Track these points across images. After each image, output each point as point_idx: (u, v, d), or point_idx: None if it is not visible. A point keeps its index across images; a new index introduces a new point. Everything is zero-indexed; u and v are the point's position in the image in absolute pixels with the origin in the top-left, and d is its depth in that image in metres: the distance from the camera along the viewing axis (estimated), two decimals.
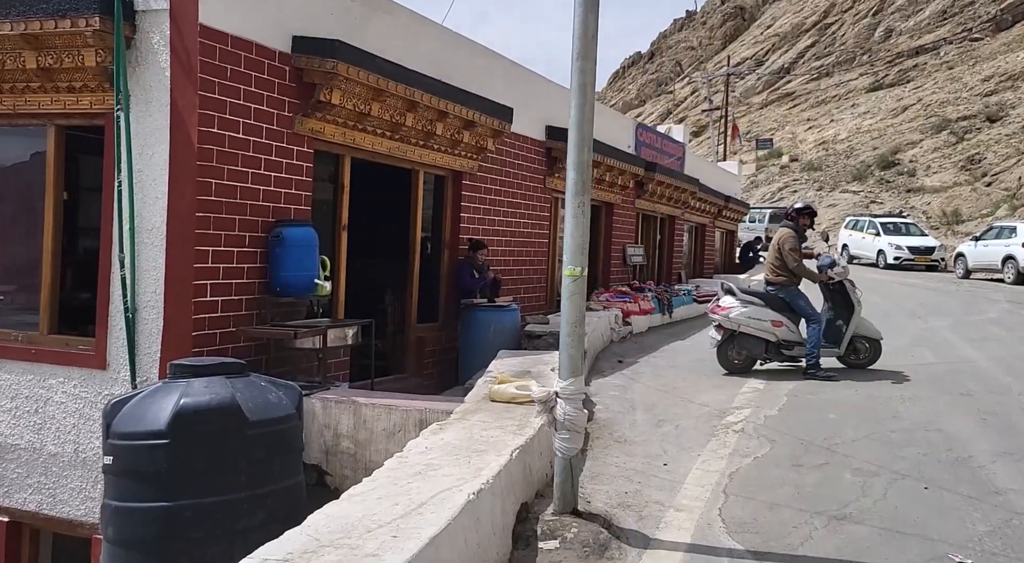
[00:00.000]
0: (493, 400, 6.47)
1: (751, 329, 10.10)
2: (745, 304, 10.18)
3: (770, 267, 10.51)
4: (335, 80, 7.98)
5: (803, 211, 10.63)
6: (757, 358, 10.22)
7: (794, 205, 10.94)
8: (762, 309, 10.13)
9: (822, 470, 6.36)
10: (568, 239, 5.06)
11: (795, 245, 10.22)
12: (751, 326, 10.09)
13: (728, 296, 10.39)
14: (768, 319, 10.06)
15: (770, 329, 10.08)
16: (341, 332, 7.78)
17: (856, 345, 10.41)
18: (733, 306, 10.20)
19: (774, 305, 10.18)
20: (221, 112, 7.15)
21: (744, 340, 10.18)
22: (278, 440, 5.92)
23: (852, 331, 10.27)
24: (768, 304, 10.18)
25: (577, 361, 5.06)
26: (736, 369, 10.21)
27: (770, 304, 10.18)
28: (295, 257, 7.64)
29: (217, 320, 7.21)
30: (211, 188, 7.08)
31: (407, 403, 6.87)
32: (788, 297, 10.21)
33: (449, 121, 10.08)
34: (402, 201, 10.67)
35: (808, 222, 10.64)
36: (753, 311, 10.11)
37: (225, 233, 7.27)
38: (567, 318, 5.06)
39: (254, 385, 6.01)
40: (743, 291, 10.45)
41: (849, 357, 10.38)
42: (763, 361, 10.25)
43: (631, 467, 6.44)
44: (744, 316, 10.08)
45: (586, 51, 4.96)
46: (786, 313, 10.16)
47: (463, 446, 5.16)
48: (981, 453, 6.80)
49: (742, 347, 10.22)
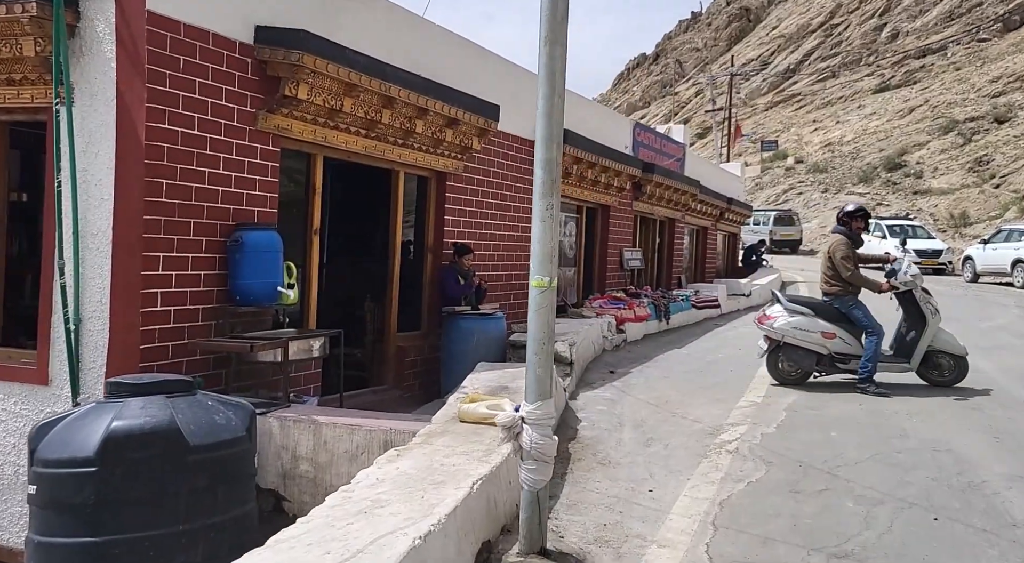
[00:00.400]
0: (462, 421, 5.93)
1: (798, 340, 9.46)
2: (792, 314, 9.53)
3: (824, 277, 9.76)
4: (301, 73, 7.45)
5: (855, 214, 9.80)
6: (808, 371, 9.58)
7: (845, 208, 10.06)
8: (811, 320, 9.47)
9: (822, 497, 5.81)
10: (535, 246, 4.52)
11: (847, 253, 9.48)
12: (797, 337, 9.45)
13: (776, 305, 9.79)
14: (818, 330, 9.40)
15: (820, 341, 9.42)
16: (306, 344, 7.24)
17: (937, 361, 9.57)
18: (779, 316, 9.58)
19: (827, 315, 9.51)
20: (173, 106, 6.63)
21: (791, 352, 9.54)
22: (224, 466, 5.39)
23: (926, 346, 9.45)
24: (819, 314, 9.51)
25: (545, 382, 4.52)
26: (788, 381, 9.58)
27: (822, 314, 9.51)
28: (256, 263, 7.12)
29: (169, 332, 6.69)
30: (161, 189, 6.55)
31: (371, 422, 6.33)
32: (844, 308, 9.50)
33: (430, 119, 9.55)
34: (382, 203, 10.14)
35: (862, 225, 9.82)
36: (800, 321, 9.46)
37: (178, 237, 6.74)
38: (534, 335, 4.51)
39: (199, 405, 5.48)
40: (791, 300, 9.76)
41: (931, 374, 9.58)
42: (817, 374, 9.61)
43: (613, 494, 5.89)
44: (789, 327, 9.45)
45: (555, 34, 4.44)
46: (842, 324, 9.46)
47: (419, 477, 4.62)
48: (995, 478, 6.24)
49: (789, 359, 9.59)
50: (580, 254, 15.53)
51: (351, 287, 10.86)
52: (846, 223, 9.76)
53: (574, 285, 15.34)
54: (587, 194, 14.83)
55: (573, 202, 14.89)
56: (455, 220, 10.85)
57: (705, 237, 24.18)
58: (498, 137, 11.56)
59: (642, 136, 17.82)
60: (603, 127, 15.24)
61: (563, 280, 14.90)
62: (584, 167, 13.91)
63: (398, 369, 10.08)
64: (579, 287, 15.47)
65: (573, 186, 14.14)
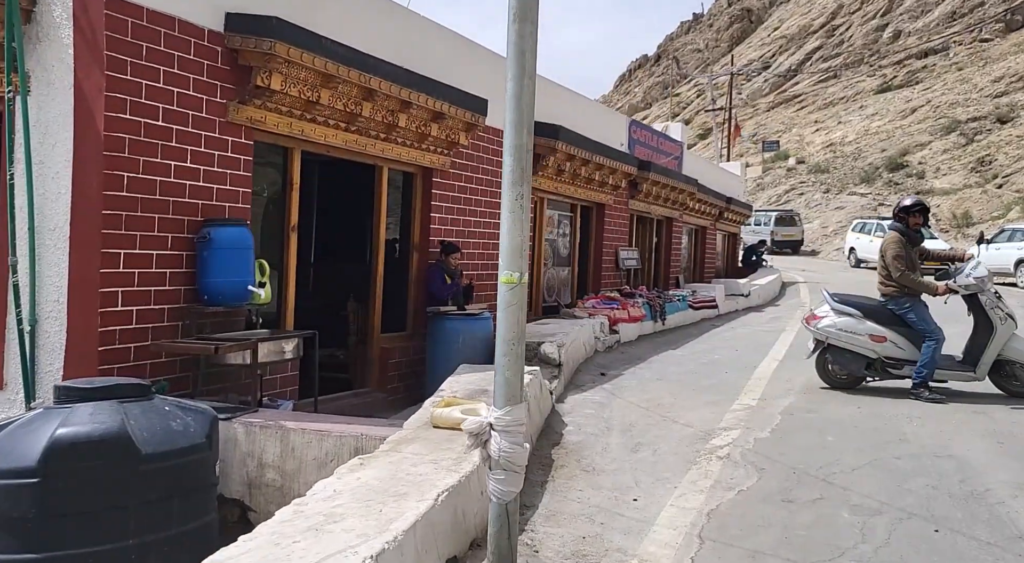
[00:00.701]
0: (435, 426, 5.60)
1: (844, 343, 8.98)
2: (839, 314, 9.07)
3: (879, 277, 9.17)
4: (274, 62, 7.13)
5: (912, 208, 9.10)
6: (856, 375, 9.09)
7: (901, 202, 9.32)
8: (859, 322, 8.97)
9: (816, 507, 5.48)
10: (504, 239, 4.19)
11: (899, 251, 8.87)
12: (843, 340, 8.98)
13: (824, 304, 9.32)
14: (865, 333, 8.90)
15: (868, 344, 8.90)
16: (277, 346, 6.91)
17: (1013, 371, 8.82)
18: (825, 316, 9.15)
19: (879, 318, 8.97)
20: (135, 96, 6.31)
21: (838, 354, 9.07)
22: (180, 475, 5.06)
23: (995, 354, 8.71)
24: (869, 316, 8.99)
25: (516, 386, 4.19)
26: (837, 384, 9.14)
27: (872, 316, 8.99)
28: (225, 261, 6.80)
29: (131, 333, 6.36)
30: (122, 182, 6.23)
31: (342, 428, 6.01)
32: (898, 309, 8.93)
33: (414, 112, 9.22)
34: (366, 199, 9.82)
35: (920, 221, 9.13)
36: (846, 323, 8.98)
37: (141, 233, 6.42)
38: (503, 335, 4.18)
39: (154, 411, 5.15)
40: (840, 300, 9.25)
41: (1011, 383, 8.83)
42: (869, 379, 9.14)
43: (596, 503, 5.56)
44: (834, 328, 9.00)
45: (524, 11, 4.10)
46: (896, 327, 8.90)
47: (381, 488, 4.30)
48: (999, 485, 5.91)
49: (835, 362, 9.14)
50: (575, 253, 15.19)
51: (336, 286, 10.54)
52: (902, 219, 9.14)
53: (568, 285, 15.01)
54: (581, 192, 14.49)
55: (567, 200, 14.57)
56: (442, 218, 10.53)
57: (704, 237, 23.83)
58: (487, 132, 11.23)
59: (638, 134, 17.49)
60: (598, 124, 14.91)
61: (557, 280, 14.58)
62: (577, 164, 13.58)
63: (382, 371, 9.76)
64: (573, 287, 15.13)
65: (567, 184, 13.82)
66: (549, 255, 14.16)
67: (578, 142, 13.23)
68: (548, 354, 9.08)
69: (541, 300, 13.78)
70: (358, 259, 10.03)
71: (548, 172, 12.99)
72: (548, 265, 14.14)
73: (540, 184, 12.92)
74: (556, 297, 14.38)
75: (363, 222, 10.00)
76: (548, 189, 13.31)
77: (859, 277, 28.81)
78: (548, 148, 12.56)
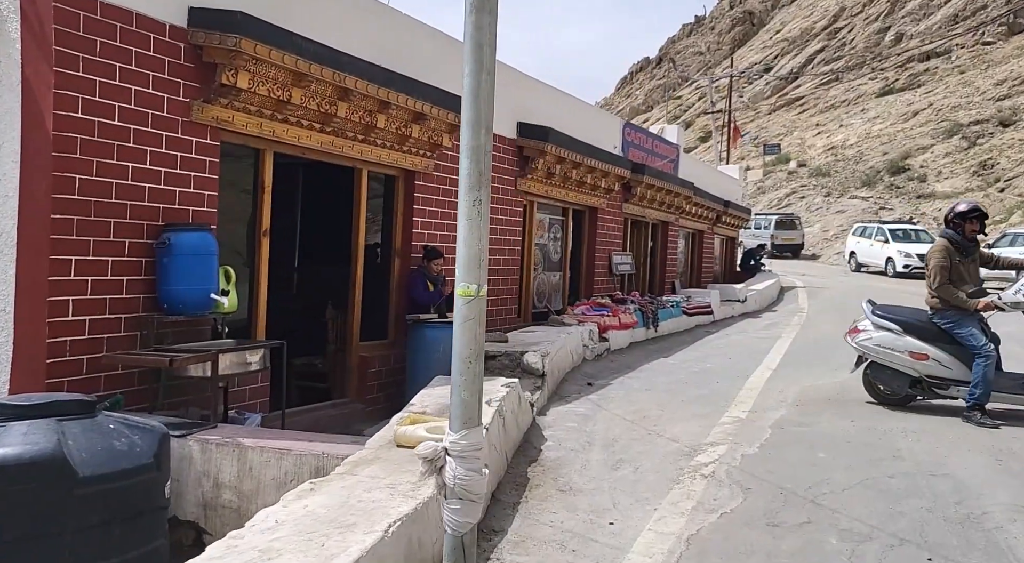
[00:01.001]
0: (399, 445, 5.27)
1: (884, 360, 8.39)
2: (877, 329, 8.43)
3: (927, 289, 8.43)
4: (239, 59, 6.82)
5: (969, 214, 8.24)
6: (902, 394, 8.43)
7: (955, 207, 8.42)
8: (897, 337, 8.29)
9: (803, 532, 5.15)
10: (460, 248, 3.87)
11: (943, 261, 8.12)
12: (881, 357, 8.38)
13: (866, 317, 8.68)
14: (905, 350, 8.23)
15: (908, 362, 8.23)
16: (239, 356, 6.57)
17: None
18: (864, 330, 8.55)
19: (922, 333, 8.24)
20: (88, 93, 5.98)
21: (879, 371, 8.48)
22: (122, 499, 4.72)
23: None
24: (910, 331, 8.29)
25: (473, 407, 3.88)
26: (887, 401, 8.52)
27: (914, 331, 8.28)
28: (186, 267, 6.48)
29: (83, 344, 6.04)
30: (73, 185, 5.91)
31: (304, 446, 5.68)
32: (943, 323, 8.18)
33: (393, 113, 8.90)
34: (345, 204, 9.50)
35: (977, 227, 8.25)
36: (884, 338, 8.34)
37: (95, 239, 6.10)
38: (459, 352, 3.87)
39: (97, 429, 4.81)
40: (882, 312, 8.57)
41: None
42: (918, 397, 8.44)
43: (569, 528, 5.23)
44: (872, 344, 8.41)
45: (482, 0, 3.78)
46: (941, 344, 8.16)
47: (328, 517, 3.97)
48: (997, 508, 5.58)
49: (877, 379, 8.55)
50: (566, 258, 14.85)
51: (317, 292, 10.23)
52: (956, 226, 8.29)
53: (559, 291, 14.67)
54: (572, 195, 14.16)
55: (558, 204, 14.24)
56: (425, 222, 10.20)
57: (701, 241, 23.49)
58: None
59: (632, 136, 17.15)
60: (590, 126, 14.57)
61: (548, 285, 14.25)
62: (568, 167, 13.25)
63: (361, 381, 9.43)
64: (565, 293, 14.79)
65: (557, 187, 13.50)
66: (539, 260, 13.83)
67: (568, 144, 12.91)
68: (531, 364, 8.74)
69: (531, 306, 13.44)
70: (339, 264, 9.70)
71: (538, 175, 12.66)
72: (538, 270, 13.80)
73: (530, 187, 12.61)
74: (547, 303, 14.04)
75: (342, 226, 9.68)
76: (538, 192, 12.98)
77: (860, 282, 28.52)
78: (537, 150, 12.24)
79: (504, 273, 12.16)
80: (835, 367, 10.92)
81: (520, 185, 12.36)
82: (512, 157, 12.14)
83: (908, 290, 24.18)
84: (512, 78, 12.35)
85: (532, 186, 12.63)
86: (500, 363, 8.86)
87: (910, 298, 21.91)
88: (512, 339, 9.91)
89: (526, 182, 12.45)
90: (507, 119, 11.95)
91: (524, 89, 12.58)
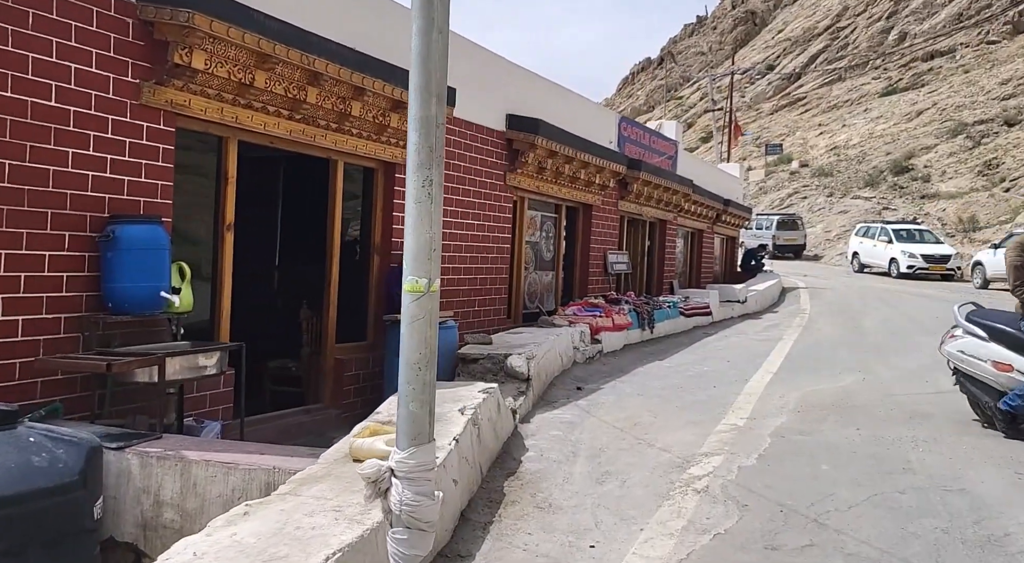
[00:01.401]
0: (355, 460, 4.72)
1: (968, 370, 7.56)
2: (966, 334, 7.62)
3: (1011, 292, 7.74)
4: (193, 37, 6.27)
5: None
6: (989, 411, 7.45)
7: None
8: (983, 344, 7.43)
9: (804, 556, 4.61)
10: (408, 236, 3.34)
11: (1016, 258, 7.45)
12: (966, 366, 7.55)
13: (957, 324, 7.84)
14: (988, 359, 7.35)
15: (991, 373, 7.32)
16: (190, 360, 6.01)
17: None
18: (954, 336, 7.75)
19: (1010, 340, 7.31)
20: (19, 70, 5.44)
21: (968, 382, 7.62)
22: (39, 522, 4.19)
23: None
24: (997, 338, 7.38)
25: (423, 421, 3.34)
26: (990, 422, 7.49)
27: (1001, 338, 7.35)
28: (133, 263, 5.93)
29: (15, 346, 5.50)
30: (2, 171, 5.37)
31: (254, 460, 5.14)
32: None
33: (369, 100, 8.36)
34: (320, 197, 8.96)
35: None
36: (968, 345, 7.53)
37: (28, 231, 5.56)
38: (406, 358, 3.33)
39: (14, 443, 4.29)
40: (973, 318, 7.71)
41: None
42: None
43: (544, 551, 4.69)
44: (956, 351, 7.62)
45: None
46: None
47: (258, 548, 3.42)
48: (1020, 529, 5.05)
49: (967, 391, 7.69)
50: (559, 257, 14.29)
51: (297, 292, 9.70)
52: None
53: (552, 290, 14.11)
54: (566, 192, 13.61)
55: (551, 200, 13.69)
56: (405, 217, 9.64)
57: (701, 240, 22.92)
58: (457, 125, 10.37)
59: (628, 131, 16.60)
60: (584, 120, 14.02)
61: (540, 285, 13.70)
62: (560, 161, 12.70)
63: (336, 385, 8.89)
64: (558, 293, 14.23)
65: (549, 183, 12.96)
66: (531, 259, 13.28)
67: (561, 137, 12.36)
68: (515, 367, 8.20)
69: (521, 307, 12.90)
70: (310, 262, 9.17)
71: (528, 169, 12.12)
72: (529, 269, 13.25)
73: (519, 182, 12.07)
74: (539, 303, 13.50)
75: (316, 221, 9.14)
76: (528, 188, 12.43)
77: (863, 283, 28.00)
78: (527, 143, 11.71)
79: (492, 272, 11.61)
80: (838, 371, 10.41)
81: (509, 180, 11.82)
82: (501, 151, 11.60)
83: (911, 291, 23.69)
84: (502, 69, 11.83)
85: (522, 181, 12.09)
86: (482, 366, 8.33)
87: (914, 299, 21.41)
88: (497, 341, 9.37)
89: (516, 177, 11.90)
90: (496, 110, 11.42)
91: (515, 80, 12.05)
